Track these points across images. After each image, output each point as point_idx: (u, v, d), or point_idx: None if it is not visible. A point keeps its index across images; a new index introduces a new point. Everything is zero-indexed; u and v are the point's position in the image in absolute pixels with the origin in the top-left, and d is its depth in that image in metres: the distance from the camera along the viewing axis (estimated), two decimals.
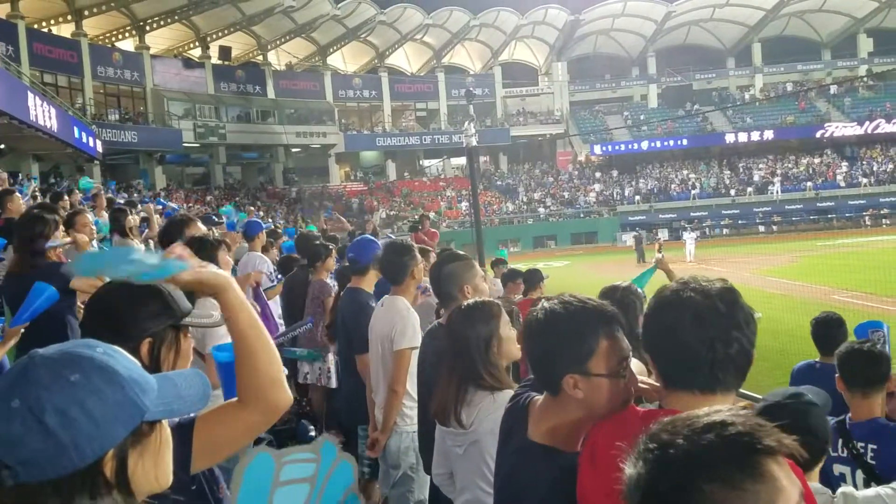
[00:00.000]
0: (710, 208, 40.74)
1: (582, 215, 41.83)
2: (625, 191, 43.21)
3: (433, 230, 11.50)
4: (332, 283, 5.62)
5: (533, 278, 6.61)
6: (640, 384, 1.55)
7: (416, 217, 13.28)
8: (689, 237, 29.12)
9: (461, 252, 3.20)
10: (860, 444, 2.29)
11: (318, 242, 6.19)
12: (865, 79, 46.15)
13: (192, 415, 1.29)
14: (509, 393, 2.11)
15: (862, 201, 39.35)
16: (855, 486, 2.24)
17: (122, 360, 0.95)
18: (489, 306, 2.34)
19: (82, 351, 0.93)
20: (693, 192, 42.11)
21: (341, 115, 43.56)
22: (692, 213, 40.19)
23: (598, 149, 45.85)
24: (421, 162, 48.31)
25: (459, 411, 2.23)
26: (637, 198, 42.36)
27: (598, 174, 45.84)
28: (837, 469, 2.20)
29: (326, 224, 12.39)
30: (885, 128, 42.09)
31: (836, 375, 2.62)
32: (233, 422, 1.30)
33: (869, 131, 42.38)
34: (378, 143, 44.14)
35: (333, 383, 5.25)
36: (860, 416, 2.51)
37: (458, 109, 42.32)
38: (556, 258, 32.24)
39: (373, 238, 4.54)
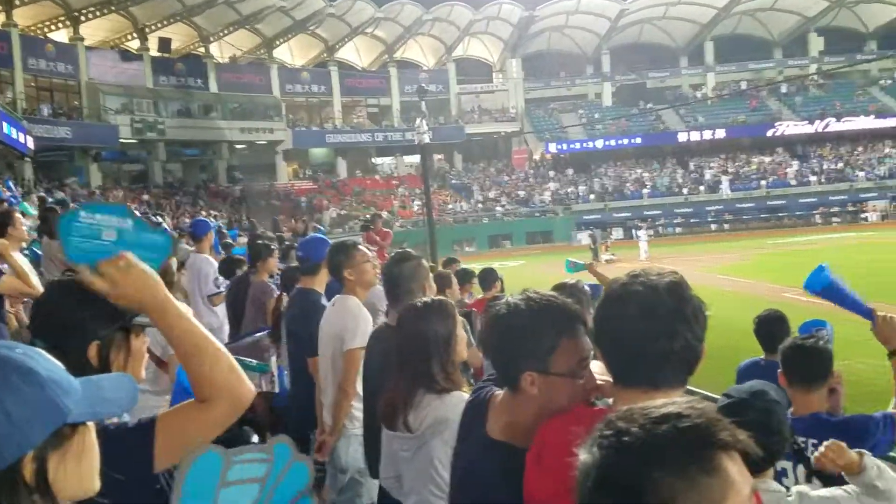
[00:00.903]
0: (663, 207, 41.70)
1: (537, 214, 42.23)
2: (580, 189, 43.86)
3: (386, 230, 11.47)
4: (275, 284, 5.56)
5: (488, 278, 6.65)
6: (597, 381, 1.57)
7: (368, 216, 13.17)
8: (642, 235, 29.75)
9: (413, 252, 3.22)
10: (801, 440, 2.37)
11: (259, 242, 6.10)
12: (816, 77, 47.84)
13: (153, 414, 1.31)
14: (459, 395, 2.13)
15: (812, 199, 40.79)
16: (796, 480, 2.32)
17: (42, 361, 0.95)
18: (446, 305, 2.36)
19: (0, 351, 0.93)
20: (645, 190, 43.02)
21: (289, 111, 43.02)
22: (646, 212, 41.05)
23: (553, 147, 46.42)
24: (373, 159, 48.05)
25: (408, 414, 2.23)
26: (592, 196, 43.05)
27: (553, 173, 46.39)
28: (779, 464, 2.28)
29: (263, 226, 11.84)
30: (835, 126, 43.71)
31: (779, 371, 2.70)
32: (199, 418, 1.30)
33: (819, 130, 43.95)
34: (328, 139, 43.74)
35: (277, 388, 5.24)
36: (802, 411, 2.57)
37: (411, 106, 42.26)
38: (511, 258, 32.47)
39: (324, 237, 4.52)
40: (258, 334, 4.82)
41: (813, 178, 42.15)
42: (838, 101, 45.61)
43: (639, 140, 45.46)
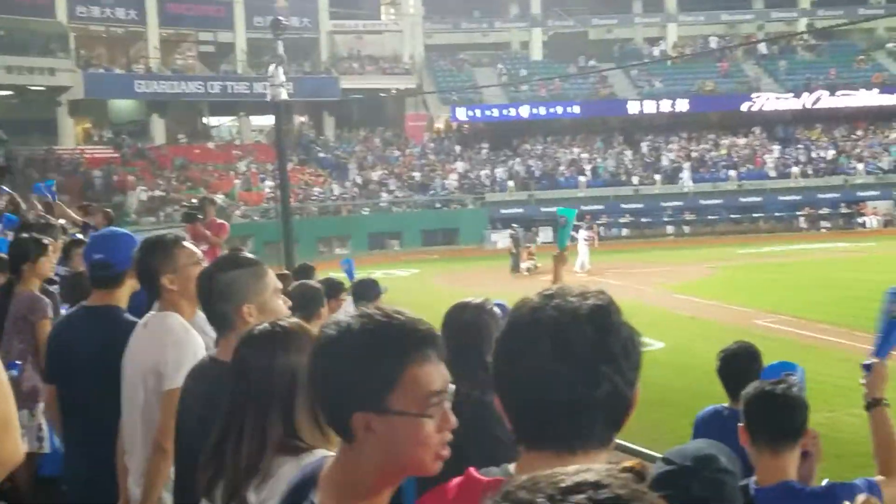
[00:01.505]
0: (606, 200, 43.11)
1: (438, 206, 42.64)
2: (496, 173, 44.70)
3: (220, 221, 11.28)
4: (49, 296, 5.39)
5: (367, 293, 6.68)
6: (453, 421, 1.62)
7: (195, 201, 12.91)
8: (581, 238, 30.38)
9: (249, 255, 3.20)
10: None
11: (26, 236, 5.87)
12: (805, 37, 50.75)
13: None
14: (325, 454, 2.13)
15: (796, 197, 43.19)
16: None
17: None
18: (299, 332, 2.37)
19: None
20: (583, 177, 44.40)
21: (80, 45, 41.56)
22: (583, 206, 41.80)
23: (462, 113, 47.04)
24: (205, 120, 47.03)
25: (246, 487, 2.23)
26: (512, 183, 43.94)
27: (460, 149, 47.02)
28: None
29: (36, 207, 11.12)
30: (828, 101, 46.41)
31: (740, 425, 2.86)
32: None
33: (808, 105, 46.58)
34: (138, 88, 42.36)
35: (46, 447, 5.12)
36: (768, 479, 2.72)
37: (263, 46, 41.60)
38: (400, 264, 32.63)
39: (126, 232, 4.41)
40: (13, 371, 4.64)
41: (797, 169, 44.71)
42: (833, 69, 48.59)
43: (577, 109, 46.84)
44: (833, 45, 51.70)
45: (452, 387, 1.65)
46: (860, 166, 44.35)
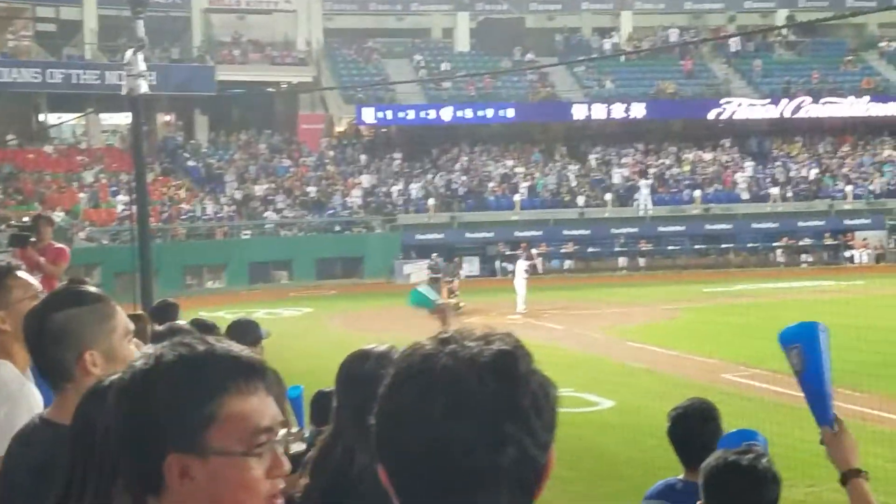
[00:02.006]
0: (546, 225, 43.55)
1: (338, 228, 42.58)
2: (411, 189, 44.84)
3: (59, 246, 11.05)
4: None
5: (245, 336, 6.61)
6: (286, 468, 1.66)
7: (27, 219, 12.66)
8: (519, 271, 30.66)
9: (93, 289, 3.16)
10: None
11: None
12: (785, 32, 52.11)
13: None
14: None
15: (773, 224, 44.35)
16: None
17: None
18: None
19: None
20: (518, 196, 44.81)
21: None
22: (518, 232, 42.57)
23: (369, 114, 47.09)
24: (41, 117, 46.04)
25: None
26: (431, 202, 44.10)
27: (366, 158, 47.05)
28: None
29: None
30: (812, 110, 47.91)
31: (699, 503, 2.92)
32: None
33: (787, 115, 47.94)
34: None
35: None
36: None
37: (119, 26, 41.05)
38: (289, 302, 32.45)
39: None
40: None
41: (775, 191, 45.89)
42: (817, 72, 50.21)
43: (510, 112, 47.31)
44: (817, 43, 53.37)
45: (285, 430, 1.68)
46: (848, 189, 45.62)
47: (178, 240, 38.80)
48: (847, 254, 43.20)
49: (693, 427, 4.16)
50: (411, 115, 47.10)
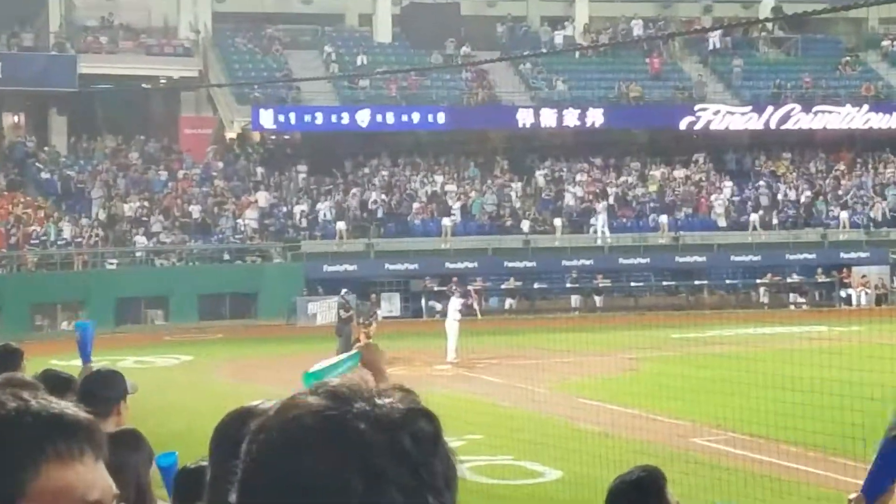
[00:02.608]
0: (483, 255, 43.67)
1: (228, 257, 42.43)
2: (320, 209, 44.75)
3: None
4: None
5: (103, 391, 6.53)
6: None
7: None
8: (451, 310, 30.69)
9: None
10: None
11: None
12: (771, 27, 52.92)
13: None
14: None
15: (755, 257, 44.80)
16: None
17: None
18: None
19: None
20: (449, 221, 44.85)
21: None
22: (449, 264, 42.63)
23: (268, 118, 46.77)
24: None
25: None
26: (341, 226, 44.02)
27: (263, 171, 46.93)
28: None
29: None
30: (801, 120, 48.62)
31: None
32: None
33: (773, 126, 48.66)
34: None
35: None
36: None
37: None
38: (164, 348, 32.21)
39: None
40: None
41: (757, 217, 46.38)
42: (809, 74, 51.01)
43: (441, 118, 47.37)
44: (809, 40, 54.37)
45: None
46: (844, 215, 46.32)
47: (26, 270, 38.24)
48: (843, 293, 43.61)
49: (638, 498, 4.18)
50: (320, 119, 46.93)
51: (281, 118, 47.04)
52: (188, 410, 19.01)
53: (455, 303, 31.06)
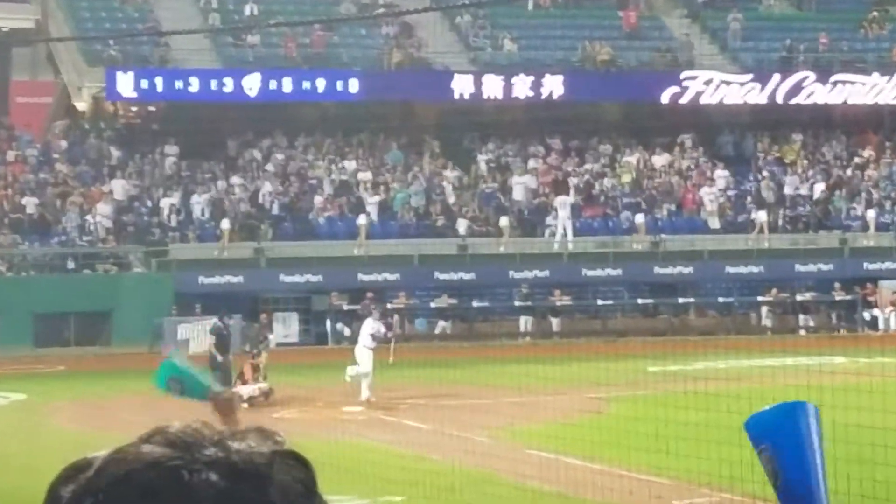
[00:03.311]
0: (408, 265, 44.12)
1: (72, 265, 42.48)
2: (194, 202, 45.04)
3: None
4: None
5: None
6: None
7: None
8: (364, 335, 30.81)
9: None
10: None
11: None
12: None
13: None
14: None
15: (756, 268, 45.46)
16: None
17: None
18: None
19: None
20: (364, 219, 45.25)
21: None
22: (363, 275, 42.69)
23: (126, 84, 46.87)
24: None
25: None
26: (225, 225, 44.24)
27: (123, 153, 47.15)
28: None
29: None
30: (818, 94, 49.26)
31: None
32: None
33: (780, 99, 49.45)
34: None
35: None
36: None
37: None
38: None
39: None
40: None
41: (760, 217, 46.91)
42: (825, 34, 51.79)
43: (355, 86, 47.59)
44: None
45: None
46: (870, 215, 47.15)
47: None
48: (867, 315, 44.11)
49: None
50: (195, 85, 47.00)
51: (144, 84, 47.10)
52: (17, 465, 18.83)
53: (370, 326, 31.13)
